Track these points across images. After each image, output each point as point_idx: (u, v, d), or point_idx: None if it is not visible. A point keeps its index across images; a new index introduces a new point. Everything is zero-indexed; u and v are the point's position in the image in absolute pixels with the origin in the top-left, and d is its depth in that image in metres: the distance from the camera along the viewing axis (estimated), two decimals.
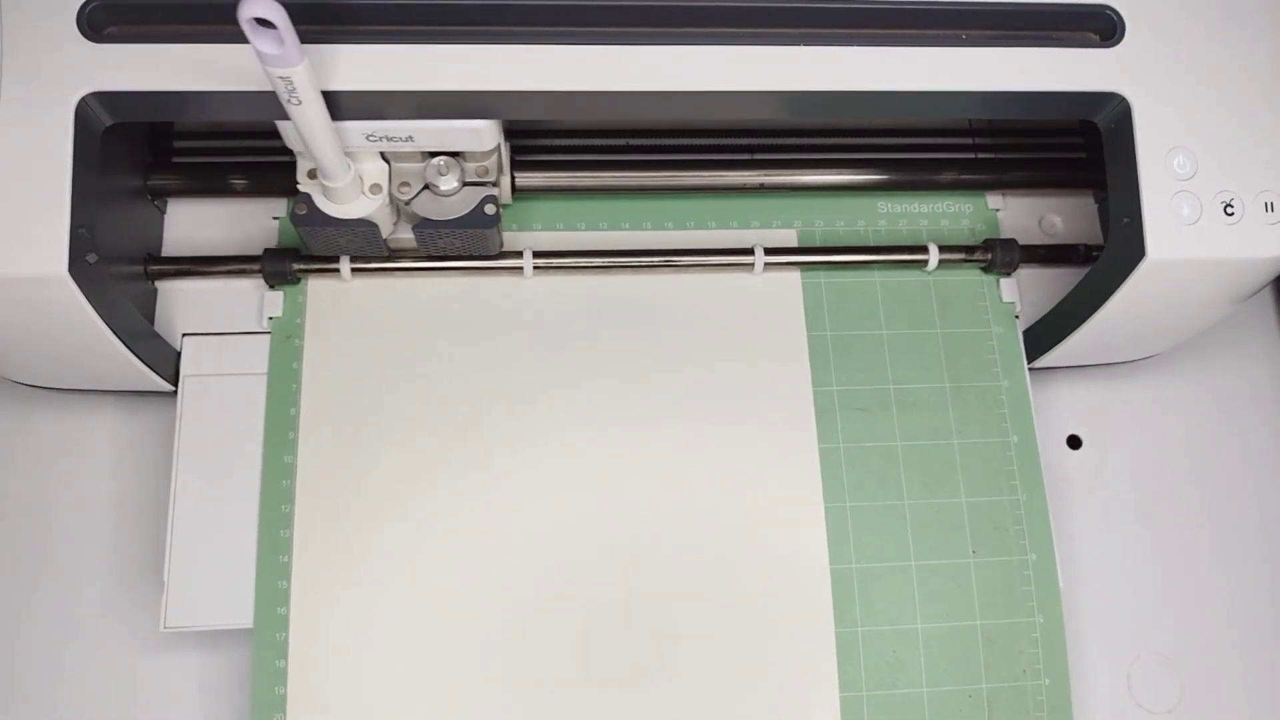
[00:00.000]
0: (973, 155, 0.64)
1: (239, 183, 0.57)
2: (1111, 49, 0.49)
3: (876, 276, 0.60)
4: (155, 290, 0.57)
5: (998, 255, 0.60)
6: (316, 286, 0.57)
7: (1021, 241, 0.61)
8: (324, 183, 0.49)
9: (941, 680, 0.54)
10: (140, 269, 0.55)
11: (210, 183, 0.58)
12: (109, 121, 0.46)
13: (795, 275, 0.60)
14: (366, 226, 0.52)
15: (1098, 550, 0.62)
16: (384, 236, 0.54)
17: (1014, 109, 0.50)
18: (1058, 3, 0.49)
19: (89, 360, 0.51)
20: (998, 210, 0.63)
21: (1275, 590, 0.62)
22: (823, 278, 0.60)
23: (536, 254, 0.57)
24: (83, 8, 0.45)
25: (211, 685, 0.55)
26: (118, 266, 0.51)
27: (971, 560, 0.56)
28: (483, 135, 0.48)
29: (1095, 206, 0.63)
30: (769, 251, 0.59)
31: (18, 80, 0.44)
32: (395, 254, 0.57)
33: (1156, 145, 0.49)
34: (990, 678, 0.54)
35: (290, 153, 0.59)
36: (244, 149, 0.59)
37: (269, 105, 0.46)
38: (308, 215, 0.51)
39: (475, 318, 0.57)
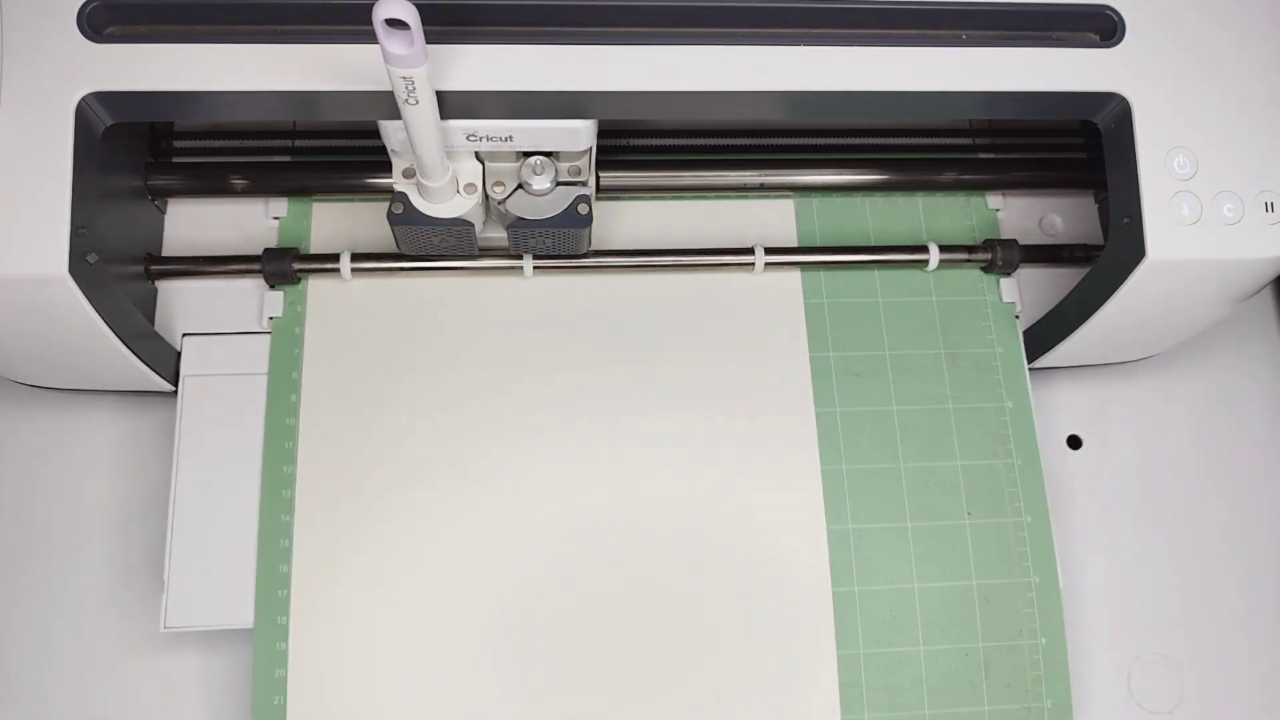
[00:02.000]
0: (973, 155, 0.64)
1: (239, 183, 0.57)
2: (1111, 49, 0.49)
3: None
4: (155, 290, 0.57)
5: (998, 255, 0.60)
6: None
7: (1021, 241, 0.61)
8: (423, 182, 0.49)
9: (938, 639, 0.55)
10: (140, 269, 0.55)
11: (210, 183, 0.58)
12: (109, 121, 0.46)
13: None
14: (462, 225, 0.52)
15: (1097, 550, 0.62)
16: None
17: (1014, 109, 0.50)
18: (1058, 3, 0.49)
19: (89, 360, 0.51)
20: (998, 210, 0.63)
21: (1276, 590, 0.62)
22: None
23: (536, 254, 0.57)
24: (83, 8, 0.45)
25: (211, 685, 0.55)
26: (118, 266, 0.51)
27: (967, 522, 0.56)
28: (580, 135, 0.49)
29: (1095, 206, 0.63)
30: (769, 251, 0.59)
31: (18, 80, 0.44)
32: (395, 255, 0.57)
33: (1156, 145, 0.49)
34: (986, 637, 0.55)
35: (290, 153, 0.60)
36: (244, 149, 0.59)
37: (270, 106, 0.46)
38: (405, 214, 0.51)
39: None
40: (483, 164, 0.51)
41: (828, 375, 0.58)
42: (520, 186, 0.52)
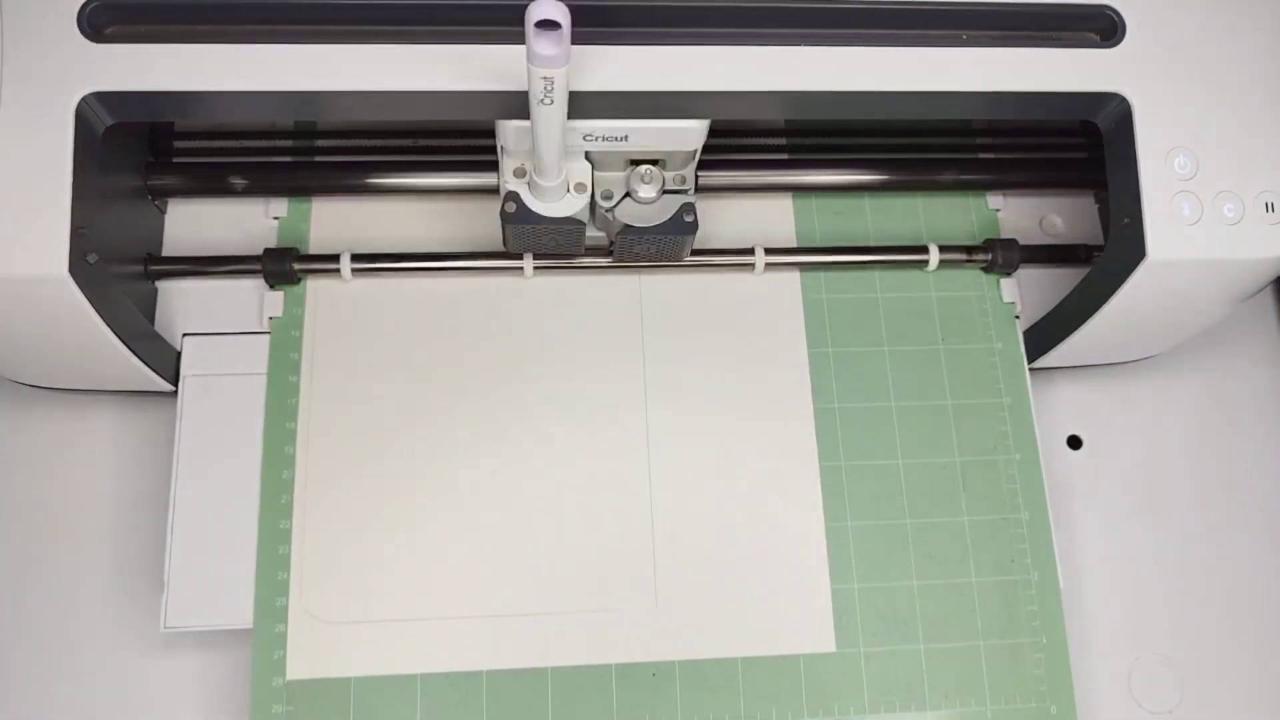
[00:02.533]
0: (973, 155, 0.64)
1: (239, 183, 0.57)
2: (1112, 49, 0.49)
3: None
4: (155, 290, 0.57)
5: (998, 255, 0.60)
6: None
7: (1022, 242, 0.61)
8: (539, 181, 0.49)
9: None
10: (140, 269, 0.55)
11: (210, 183, 0.58)
12: (109, 121, 0.46)
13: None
14: (573, 225, 0.52)
15: (1098, 550, 0.62)
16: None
17: (1014, 109, 0.50)
18: (1058, 3, 0.49)
19: (89, 360, 0.51)
20: (998, 210, 0.63)
21: (1275, 590, 0.62)
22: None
23: (537, 254, 0.57)
24: (83, 8, 0.45)
25: (211, 685, 0.55)
26: (118, 266, 0.51)
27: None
28: (691, 134, 0.49)
29: (1095, 206, 0.63)
30: (769, 251, 0.59)
31: (18, 80, 0.44)
32: (395, 255, 0.57)
33: (1157, 145, 0.49)
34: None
35: (290, 153, 0.60)
36: (244, 149, 0.59)
37: (270, 106, 0.46)
38: (518, 213, 0.51)
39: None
40: (591, 164, 0.52)
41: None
42: (628, 194, 0.53)
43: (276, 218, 0.59)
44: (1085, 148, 0.64)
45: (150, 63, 0.45)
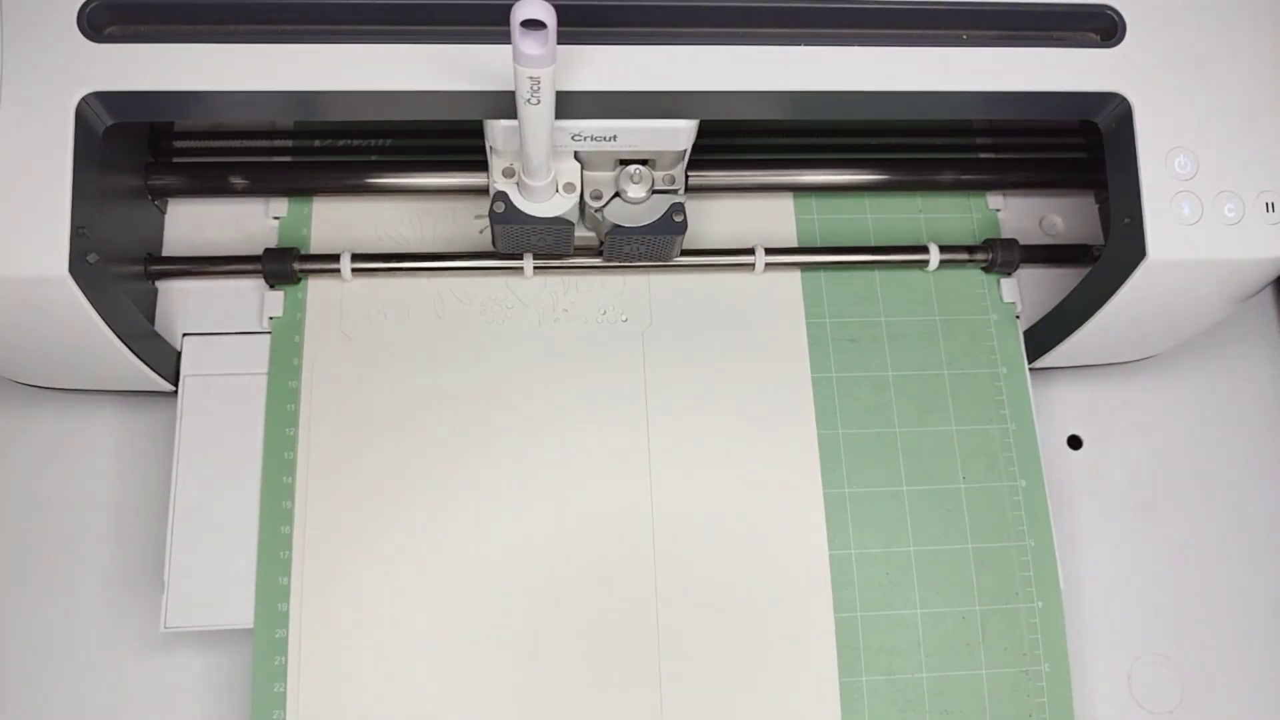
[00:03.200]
0: (973, 155, 0.64)
1: (239, 183, 0.57)
2: (1112, 49, 0.49)
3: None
4: (155, 290, 0.57)
5: (998, 255, 0.60)
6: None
7: (1022, 241, 0.61)
8: (527, 181, 0.49)
9: (935, 602, 0.55)
10: (140, 269, 0.55)
11: (210, 183, 0.58)
12: (109, 121, 0.46)
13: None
14: (562, 225, 0.52)
15: (1098, 550, 0.62)
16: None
17: (1015, 109, 0.50)
18: (1058, 3, 0.49)
19: (89, 360, 0.51)
20: (998, 210, 0.63)
21: (1276, 590, 0.62)
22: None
23: (537, 254, 0.57)
24: (83, 8, 0.45)
25: (211, 685, 0.55)
26: (118, 266, 0.51)
27: (962, 486, 0.57)
28: (680, 135, 0.49)
29: (1096, 206, 0.63)
30: (769, 251, 0.59)
31: (18, 80, 0.44)
32: (394, 255, 0.57)
33: (1157, 145, 0.49)
34: (983, 600, 0.55)
35: (289, 152, 0.60)
36: (244, 149, 0.59)
37: (270, 106, 0.46)
38: (506, 213, 0.51)
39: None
40: (580, 164, 0.52)
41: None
42: (617, 194, 0.52)
43: (276, 218, 0.59)
44: (1085, 148, 0.64)
45: (150, 63, 0.45)
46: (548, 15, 0.37)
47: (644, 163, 0.53)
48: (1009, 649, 0.55)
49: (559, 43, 0.39)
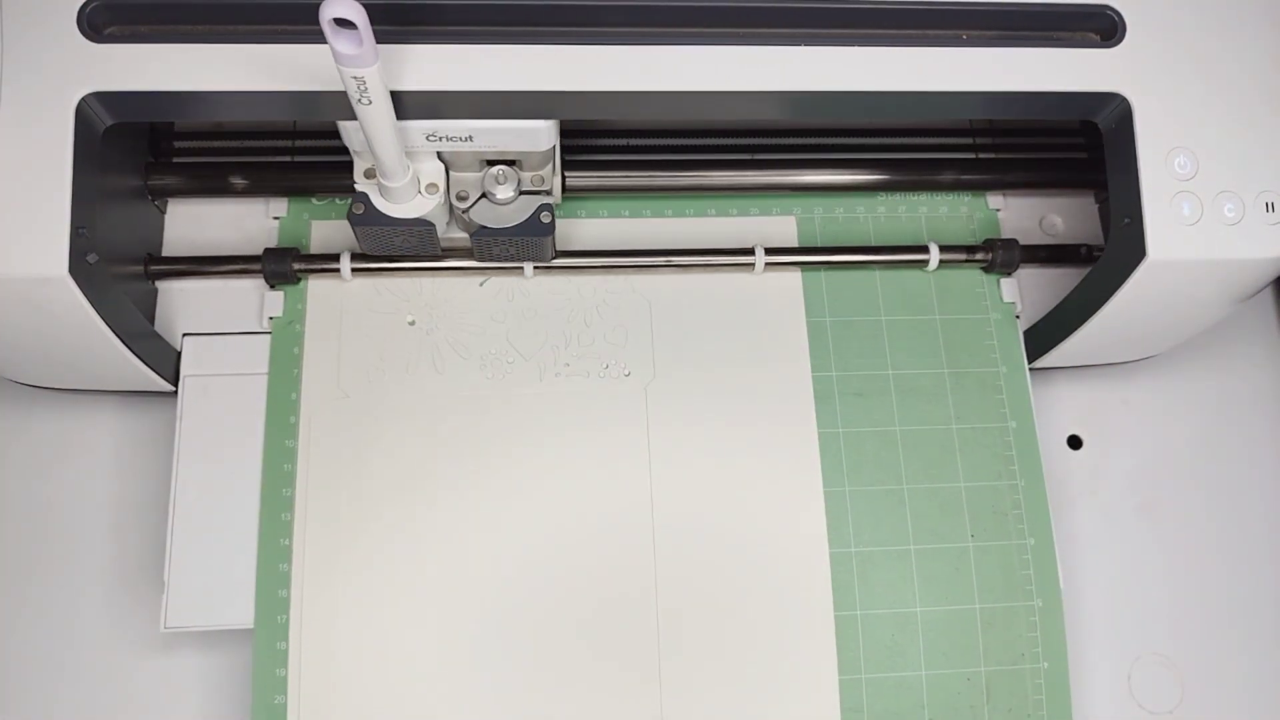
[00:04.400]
0: (973, 155, 0.64)
1: (239, 183, 0.57)
2: (1112, 49, 0.49)
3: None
4: (155, 290, 0.57)
5: (998, 255, 0.60)
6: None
7: (1022, 241, 0.61)
8: (383, 182, 0.49)
9: (940, 664, 0.54)
10: (140, 269, 0.55)
11: (210, 183, 0.58)
12: (109, 121, 0.46)
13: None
14: (424, 226, 0.52)
15: (1098, 551, 0.62)
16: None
17: (1014, 109, 0.50)
18: (1058, 3, 0.49)
19: (89, 360, 0.51)
20: (998, 210, 0.63)
21: (1276, 590, 0.62)
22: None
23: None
24: (83, 8, 0.45)
25: (211, 685, 0.55)
26: (118, 266, 0.51)
27: (971, 544, 0.56)
28: (540, 135, 0.49)
29: (1096, 206, 0.63)
30: (769, 251, 0.59)
31: (18, 80, 0.44)
32: (394, 257, 0.57)
33: (1157, 145, 0.49)
34: (989, 661, 0.55)
35: (290, 153, 0.60)
36: (244, 149, 0.59)
37: (270, 106, 0.46)
38: (365, 214, 0.51)
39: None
40: (445, 165, 0.51)
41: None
42: (484, 195, 0.52)
43: (276, 218, 0.59)
44: (1085, 148, 0.64)
45: (150, 63, 0.45)
46: (356, 15, 0.36)
47: (511, 163, 0.52)
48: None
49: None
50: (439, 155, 0.51)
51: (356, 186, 0.51)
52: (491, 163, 0.52)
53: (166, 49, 0.45)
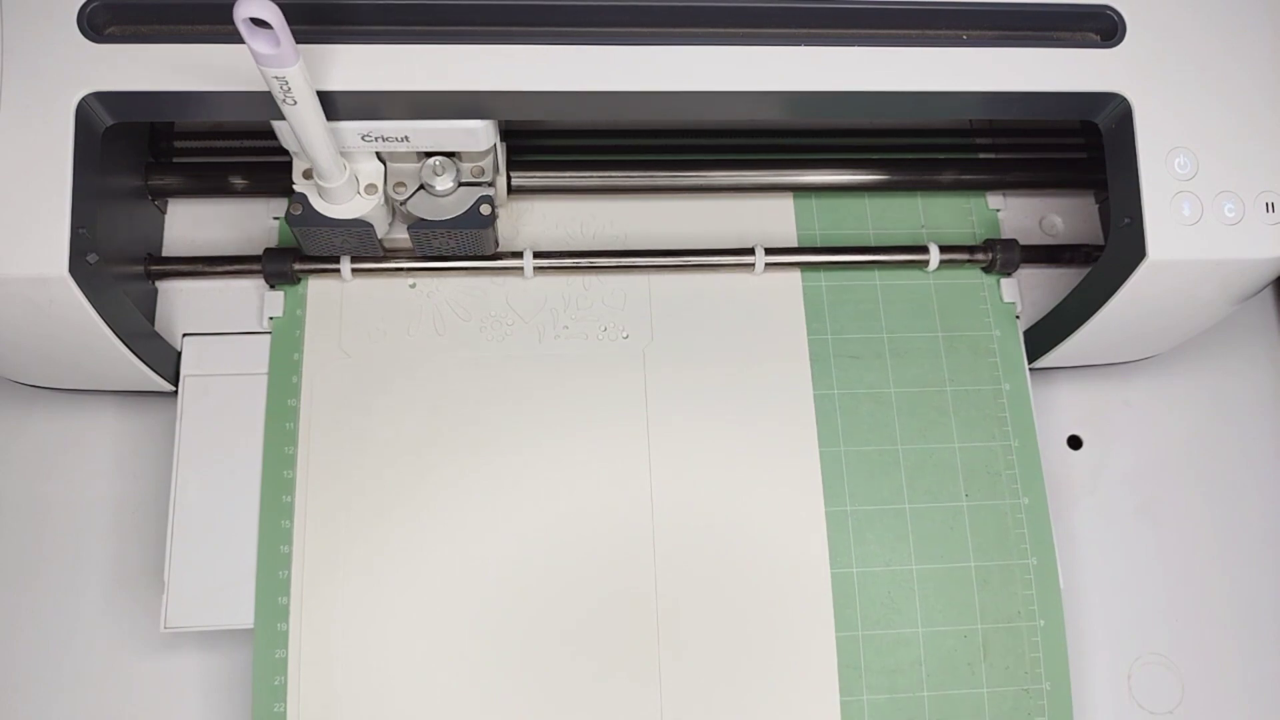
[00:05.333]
0: (973, 155, 0.64)
1: (239, 183, 0.57)
2: (1112, 49, 0.49)
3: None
4: (155, 290, 0.57)
5: (998, 255, 0.60)
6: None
7: (1022, 242, 0.61)
8: (319, 183, 0.49)
9: (936, 621, 0.55)
10: (140, 269, 0.55)
11: (210, 183, 0.58)
12: (109, 121, 0.46)
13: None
14: (362, 227, 0.52)
15: (1098, 551, 0.62)
16: (379, 237, 0.54)
17: (1015, 109, 0.50)
18: (1058, 3, 0.49)
19: (89, 360, 0.51)
20: (998, 210, 0.63)
21: (1276, 591, 0.62)
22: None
23: (537, 254, 0.57)
24: (83, 8, 0.45)
25: (211, 685, 0.55)
26: (118, 266, 0.51)
27: (965, 504, 0.56)
28: (478, 135, 0.48)
29: (1096, 207, 0.63)
30: (769, 252, 0.59)
31: (18, 80, 0.44)
32: (394, 254, 0.57)
33: (1157, 145, 0.49)
34: (985, 619, 0.55)
35: (289, 152, 0.59)
36: (244, 149, 0.59)
37: (269, 105, 0.46)
38: (303, 215, 0.51)
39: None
40: (384, 165, 0.51)
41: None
42: (422, 187, 0.52)
43: (276, 218, 0.59)
44: (1085, 148, 0.64)
45: (150, 63, 0.45)
46: (271, 14, 0.36)
47: (450, 155, 0.52)
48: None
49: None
50: (378, 155, 0.51)
51: (295, 187, 0.51)
52: (430, 154, 0.51)
53: (166, 49, 0.45)
